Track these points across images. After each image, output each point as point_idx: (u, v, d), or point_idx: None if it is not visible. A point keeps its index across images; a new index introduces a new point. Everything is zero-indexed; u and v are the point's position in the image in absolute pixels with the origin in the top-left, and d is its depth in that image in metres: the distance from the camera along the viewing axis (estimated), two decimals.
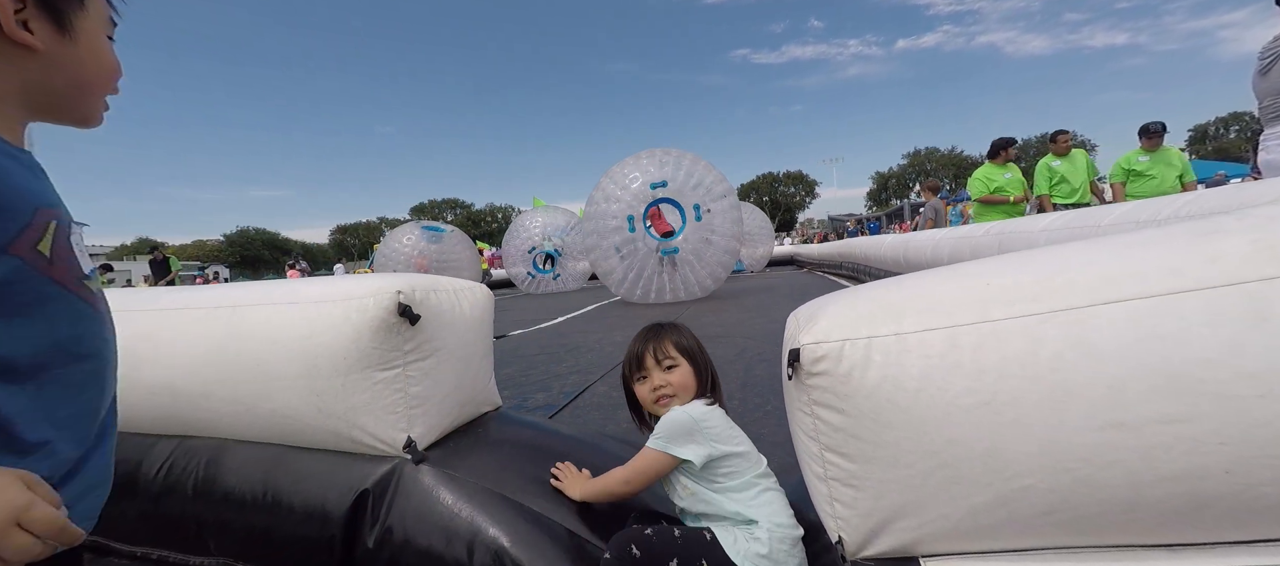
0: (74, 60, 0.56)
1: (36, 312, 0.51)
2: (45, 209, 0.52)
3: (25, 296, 0.50)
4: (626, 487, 1.03)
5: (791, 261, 16.08)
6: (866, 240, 9.95)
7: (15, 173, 0.51)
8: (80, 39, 0.56)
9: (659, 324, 1.15)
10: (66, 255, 0.54)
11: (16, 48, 0.52)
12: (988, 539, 0.72)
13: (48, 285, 0.52)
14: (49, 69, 0.55)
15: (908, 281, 0.82)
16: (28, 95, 0.55)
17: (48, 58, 0.54)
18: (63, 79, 0.56)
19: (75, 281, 0.55)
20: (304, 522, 1.20)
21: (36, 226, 0.51)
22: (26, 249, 0.50)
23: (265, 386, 1.26)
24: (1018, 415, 0.65)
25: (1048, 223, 3.61)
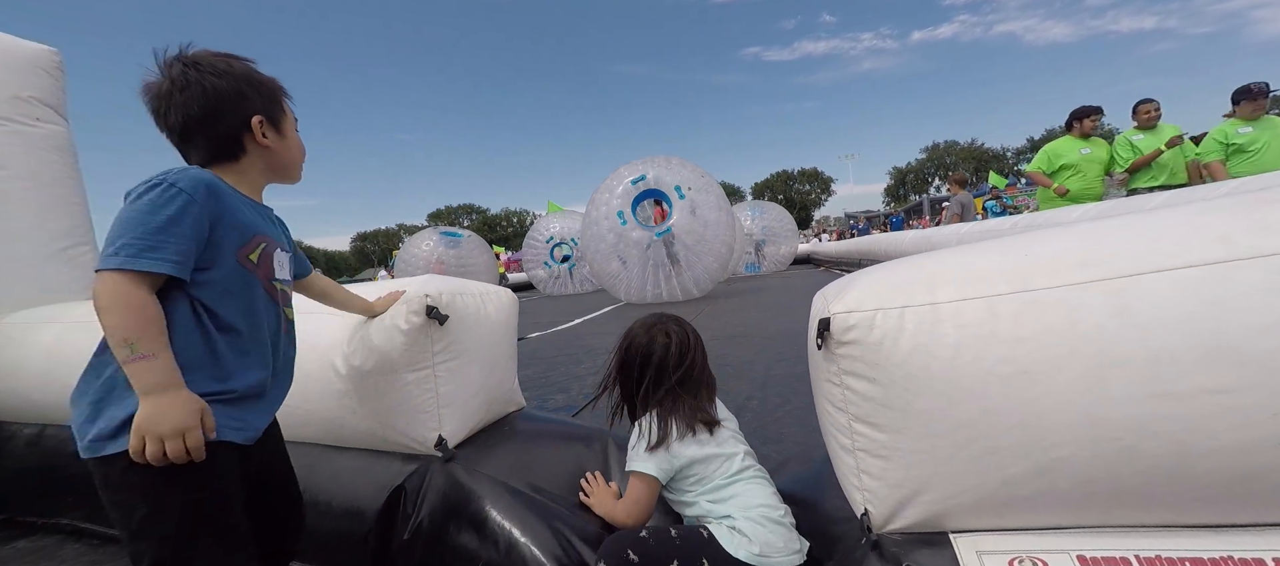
0: (285, 150, 0.94)
1: (243, 294, 0.83)
2: (259, 235, 0.87)
3: (238, 284, 0.82)
4: (629, 518, 1.03)
5: (808, 260, 15.91)
6: (886, 236, 9.80)
7: (247, 211, 0.86)
8: (287, 136, 0.94)
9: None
10: (267, 264, 0.88)
11: (261, 147, 0.89)
12: (1022, 513, 0.70)
13: (253, 279, 0.85)
14: (275, 157, 0.92)
15: (944, 255, 0.81)
16: (266, 171, 0.93)
17: (274, 151, 0.91)
18: (282, 160, 0.94)
19: (267, 280, 0.88)
20: (342, 519, 1.24)
21: (251, 244, 0.85)
22: (243, 257, 0.83)
23: (303, 388, 1.30)
24: (1057, 385, 0.64)
25: (1082, 213, 3.50)
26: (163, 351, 0.70)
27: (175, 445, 0.69)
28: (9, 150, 2.23)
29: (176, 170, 0.78)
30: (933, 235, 6.23)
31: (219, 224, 0.79)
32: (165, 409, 0.69)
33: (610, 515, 1.09)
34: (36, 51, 2.41)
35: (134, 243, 0.71)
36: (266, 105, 0.89)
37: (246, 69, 0.88)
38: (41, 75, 2.40)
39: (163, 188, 0.74)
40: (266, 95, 0.89)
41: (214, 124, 0.84)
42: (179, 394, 0.70)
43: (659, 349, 1.07)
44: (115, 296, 0.69)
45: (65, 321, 1.80)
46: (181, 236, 0.74)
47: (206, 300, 0.79)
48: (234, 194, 0.84)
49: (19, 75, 2.31)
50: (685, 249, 7.08)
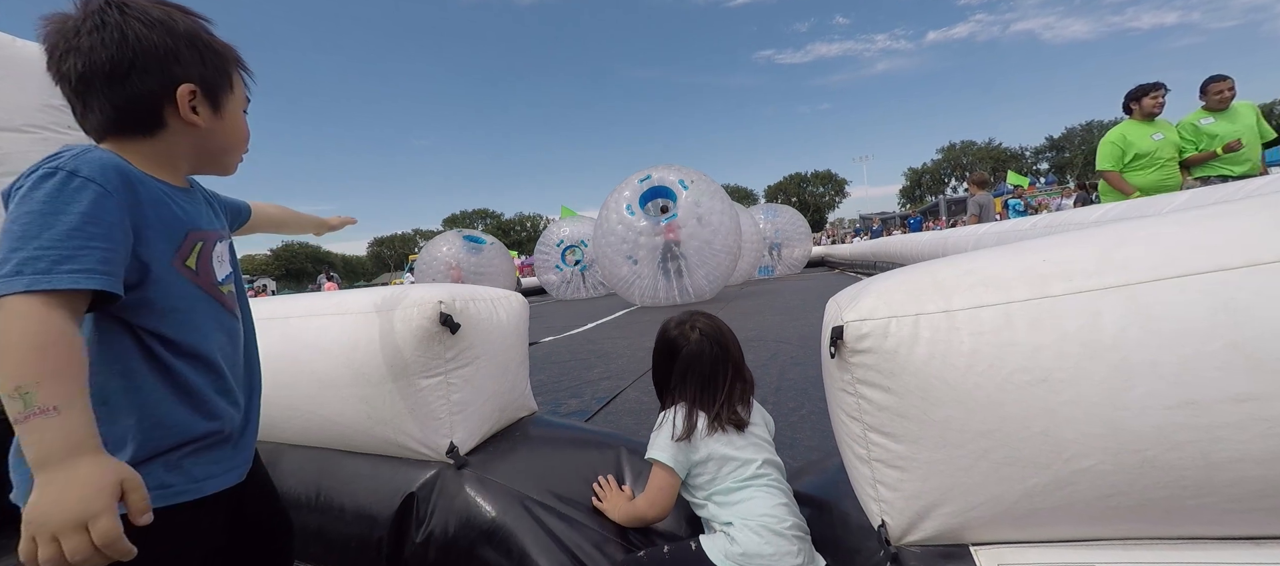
0: (222, 133, 0.75)
1: (186, 307, 0.68)
2: (194, 232, 0.71)
3: (177, 297, 0.67)
4: (651, 509, 1.04)
5: (823, 263, 15.76)
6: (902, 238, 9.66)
7: (175, 202, 0.70)
8: (226, 117, 0.75)
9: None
10: (206, 266, 0.73)
11: (187, 125, 0.70)
12: (1044, 526, 0.68)
13: (195, 291, 0.70)
14: (207, 138, 0.73)
15: (958, 260, 0.80)
16: (191, 156, 0.74)
17: (206, 131, 0.73)
18: (215, 145, 0.75)
19: (209, 286, 0.73)
20: (354, 523, 1.25)
21: (186, 245, 0.69)
22: (180, 264, 0.68)
23: (317, 393, 1.32)
24: (1077, 394, 0.63)
25: (1102, 214, 3.41)
26: (71, 405, 0.52)
27: (76, 541, 0.49)
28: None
29: (72, 152, 0.59)
30: (949, 237, 6.12)
31: (144, 224, 0.63)
32: (70, 488, 0.50)
33: (629, 512, 1.09)
34: None
35: (39, 254, 0.53)
36: (206, 73, 0.70)
37: (192, 25, 0.69)
38: None
39: (59, 178, 0.56)
40: (211, 61, 0.70)
41: (123, 83, 0.64)
42: (86, 465, 0.51)
43: (689, 343, 1.08)
44: (14, 329, 0.52)
45: None
46: (104, 238, 0.57)
47: (152, 326, 0.64)
48: (150, 181, 0.66)
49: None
50: (691, 252, 7.28)
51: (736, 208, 9.41)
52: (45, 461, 0.50)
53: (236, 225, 0.96)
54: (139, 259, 0.62)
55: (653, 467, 1.02)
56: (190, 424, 0.66)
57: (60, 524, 0.49)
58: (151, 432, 0.63)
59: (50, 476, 0.50)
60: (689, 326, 1.11)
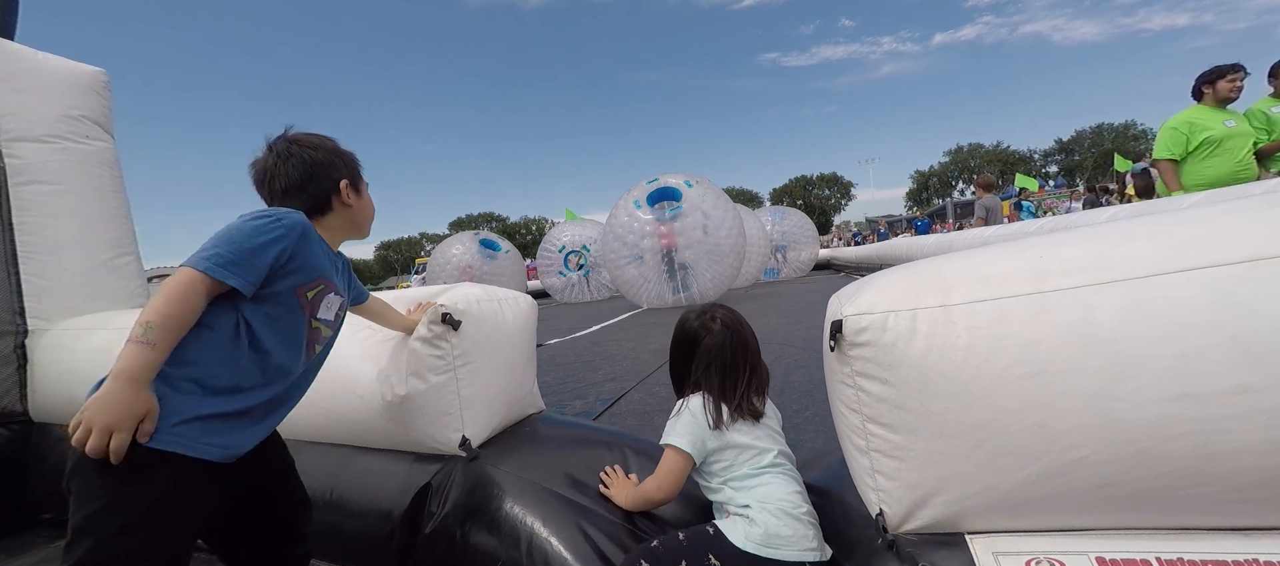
0: (362, 209, 1.09)
1: (283, 320, 0.91)
2: (321, 278, 0.97)
3: (283, 311, 0.91)
4: (659, 491, 1.06)
5: (828, 266, 15.74)
6: (908, 240, 9.64)
7: (323, 258, 0.98)
8: (364, 198, 1.10)
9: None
10: (317, 303, 0.97)
11: (344, 206, 1.04)
12: (1039, 514, 0.70)
13: (296, 312, 0.93)
14: (355, 214, 1.07)
15: (956, 257, 0.82)
16: (344, 227, 1.08)
17: (354, 210, 1.07)
18: (359, 218, 1.09)
19: (310, 317, 0.97)
20: (369, 517, 1.28)
21: (312, 284, 0.95)
22: (300, 293, 0.93)
23: (331, 391, 1.36)
24: (1072, 385, 0.64)
25: (1112, 215, 3.40)
26: (161, 347, 0.74)
27: (98, 440, 0.69)
28: (62, 166, 2.36)
29: (286, 210, 0.91)
30: (955, 239, 6.10)
31: (295, 260, 0.90)
32: (111, 399, 0.70)
33: (637, 496, 1.11)
34: (86, 72, 2.56)
35: (222, 254, 0.80)
36: (350, 172, 1.06)
37: (335, 144, 1.06)
38: (91, 94, 2.54)
39: (270, 220, 0.86)
40: (350, 165, 1.07)
41: (310, 186, 1.00)
42: (137, 390, 0.72)
43: (710, 334, 1.10)
44: (179, 288, 0.76)
45: (111, 328, 1.90)
46: (262, 262, 0.84)
47: (251, 320, 0.86)
48: (319, 241, 0.98)
49: (70, 95, 2.46)
50: (695, 253, 7.57)
51: (741, 210, 9.66)
52: (120, 372, 0.71)
53: (355, 302, 1.20)
54: (281, 276, 0.88)
55: (665, 451, 1.04)
56: (220, 402, 0.84)
57: (100, 421, 0.70)
58: (184, 392, 0.80)
59: (113, 384, 0.71)
60: (709, 317, 1.14)
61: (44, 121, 2.33)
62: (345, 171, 1.04)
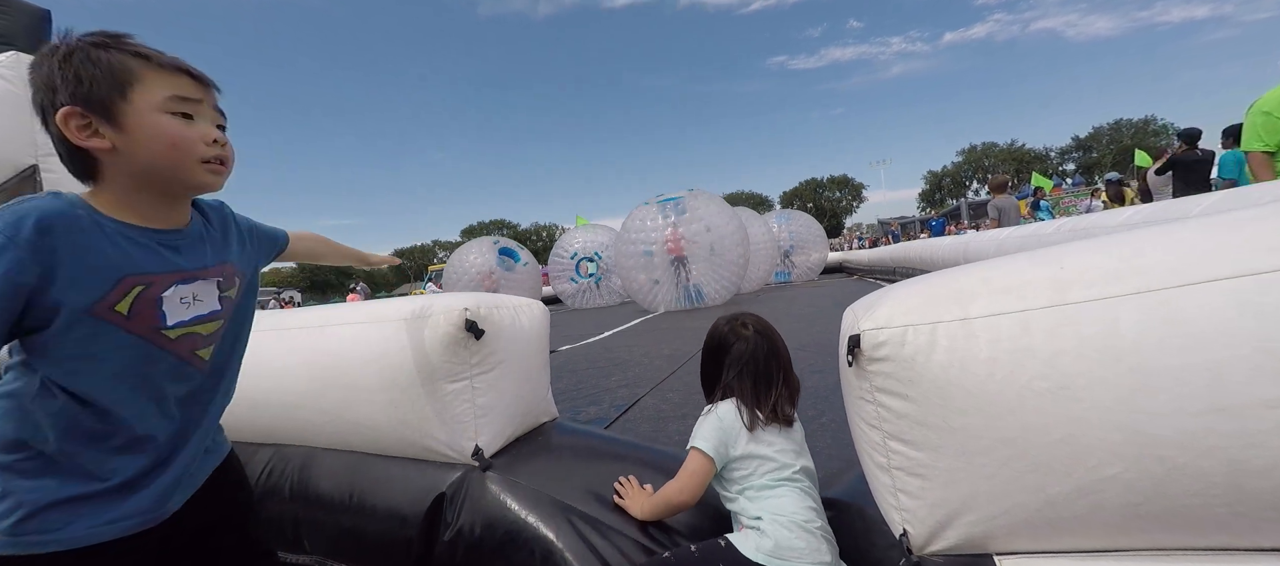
0: (136, 146, 0.66)
1: (97, 354, 0.65)
2: (130, 277, 0.66)
3: (94, 344, 0.64)
4: (681, 495, 1.06)
5: (840, 269, 15.60)
6: (922, 243, 9.53)
7: (120, 245, 0.65)
8: (135, 130, 0.66)
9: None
10: (149, 311, 0.68)
11: (99, 153, 0.65)
12: (1070, 535, 0.68)
13: (117, 334, 0.66)
14: (127, 159, 0.66)
15: (974, 268, 0.80)
16: (134, 183, 0.68)
17: (118, 152, 0.66)
18: (140, 162, 0.67)
19: (151, 331, 0.68)
20: (386, 522, 1.29)
21: (117, 291, 0.65)
22: (104, 310, 0.64)
23: (349, 397, 1.38)
24: (1097, 400, 0.63)
25: (1127, 217, 3.34)
26: None
27: None
28: None
29: (16, 202, 0.60)
30: (970, 242, 6.02)
31: (57, 272, 0.60)
32: None
33: (656, 501, 1.11)
34: None
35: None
36: (89, 90, 0.63)
37: (73, 46, 0.65)
38: None
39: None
40: (92, 75, 0.63)
41: (50, 134, 0.64)
42: None
43: (742, 340, 1.11)
44: None
45: None
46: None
47: (49, 374, 0.63)
48: (92, 227, 0.63)
49: None
50: (699, 260, 8.08)
51: (744, 212, 9.96)
52: None
53: (270, 255, 0.96)
54: (49, 302, 0.60)
55: (690, 453, 1.04)
56: (65, 484, 0.64)
57: None
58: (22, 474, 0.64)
59: None
60: (741, 324, 1.14)
61: None
62: (71, 91, 0.63)
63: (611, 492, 1.21)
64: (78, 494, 0.65)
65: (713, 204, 8.56)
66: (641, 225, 8.62)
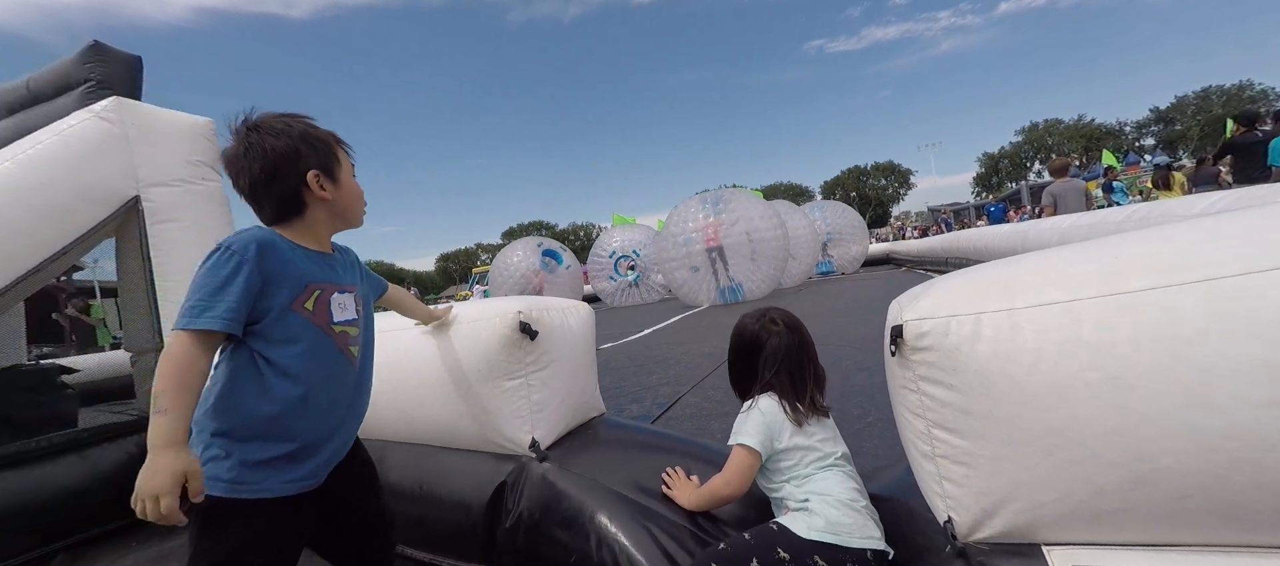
0: (341, 197, 0.98)
1: (299, 338, 0.89)
2: (312, 284, 0.92)
3: (294, 331, 0.89)
4: (728, 488, 1.10)
5: (887, 260, 15.01)
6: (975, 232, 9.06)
7: (302, 262, 0.92)
8: (342, 185, 0.98)
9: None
10: (323, 310, 0.93)
11: (319, 199, 0.95)
12: (1119, 527, 0.68)
13: (308, 326, 0.91)
14: (333, 206, 0.97)
15: (1023, 259, 0.80)
16: (328, 220, 0.99)
17: (331, 201, 0.96)
18: (339, 209, 0.99)
19: (324, 325, 0.93)
20: (452, 511, 1.41)
21: (305, 294, 0.91)
22: (298, 306, 0.89)
23: (417, 396, 1.51)
24: (1153, 390, 0.62)
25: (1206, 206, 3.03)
26: (176, 410, 0.75)
27: (152, 507, 0.70)
28: (184, 205, 2.74)
29: (234, 234, 0.87)
30: (1028, 230, 5.66)
31: (272, 278, 0.85)
32: (153, 471, 0.71)
33: (704, 494, 1.15)
34: (199, 123, 2.95)
35: (196, 304, 0.80)
36: (321, 159, 0.94)
37: (303, 127, 0.94)
38: (203, 141, 2.92)
39: (219, 253, 0.84)
40: (320, 151, 0.94)
41: (274, 183, 0.91)
42: (166, 456, 0.72)
43: (773, 336, 1.14)
44: (170, 352, 0.77)
45: None
46: (232, 296, 0.80)
47: (262, 350, 0.85)
48: (290, 247, 0.90)
49: (187, 143, 2.84)
50: (739, 257, 8.30)
51: (782, 206, 9.89)
52: (153, 445, 0.73)
53: (377, 294, 1.21)
54: (263, 303, 0.85)
55: (734, 449, 1.08)
56: (275, 444, 0.86)
57: (147, 492, 0.71)
58: (238, 440, 0.84)
59: (152, 458, 0.72)
60: (769, 320, 1.17)
61: (170, 168, 2.71)
62: (314, 160, 0.93)
63: (659, 483, 1.27)
64: (274, 455, 0.86)
65: (751, 201, 8.78)
66: (683, 220, 8.83)
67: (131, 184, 2.56)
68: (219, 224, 2.89)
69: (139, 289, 2.56)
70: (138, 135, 2.61)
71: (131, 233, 2.58)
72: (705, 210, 8.72)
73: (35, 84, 2.89)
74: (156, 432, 0.73)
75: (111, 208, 2.46)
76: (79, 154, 2.40)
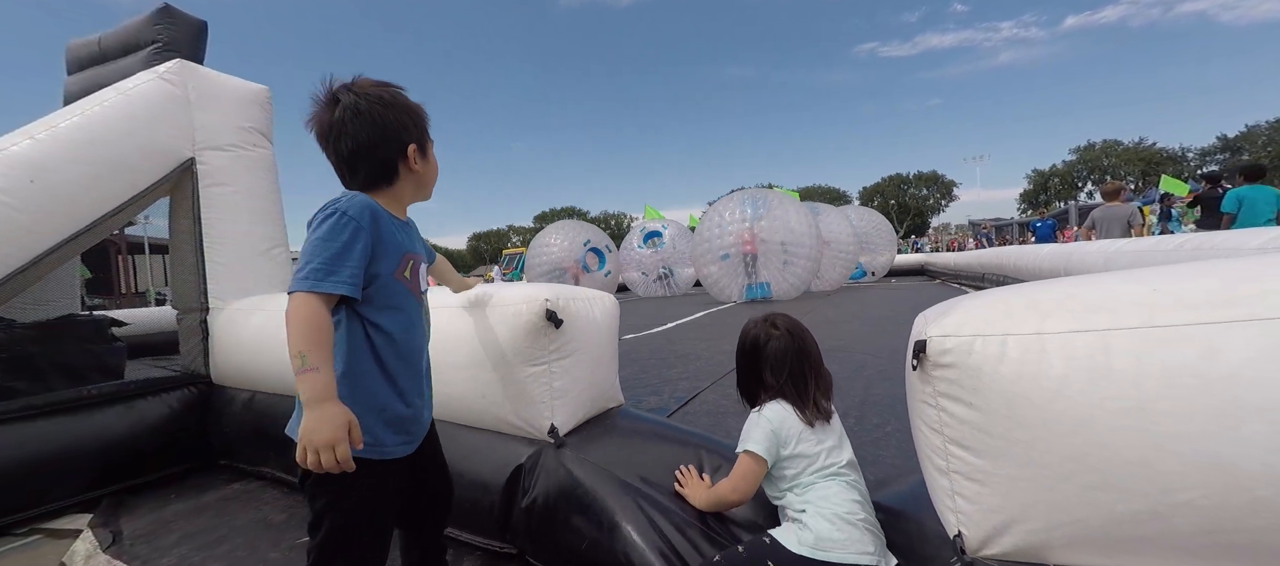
0: (429, 172, 1.02)
1: (402, 307, 0.94)
2: (408, 254, 0.96)
3: (398, 299, 0.93)
4: (734, 494, 1.11)
5: (922, 271, 14.58)
6: (1017, 250, 8.71)
7: (398, 232, 0.95)
8: (430, 160, 1.02)
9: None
10: (416, 279, 0.98)
11: (412, 172, 0.98)
12: (1133, 555, 0.68)
13: (407, 294, 0.95)
14: (422, 179, 1.01)
15: (1059, 283, 0.80)
16: (411, 193, 1.02)
17: (421, 175, 1.00)
18: (426, 181, 1.03)
19: (419, 292, 0.99)
20: (470, 489, 1.45)
21: (403, 262, 0.94)
22: (399, 274, 0.93)
23: (442, 374, 1.53)
24: (1182, 426, 0.62)
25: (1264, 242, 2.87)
26: (325, 366, 0.78)
27: (327, 456, 0.74)
28: (236, 170, 2.85)
29: (346, 198, 0.87)
30: (1073, 253, 5.43)
31: (379, 246, 0.88)
32: (320, 422, 0.75)
33: (711, 497, 1.17)
34: (255, 90, 3.06)
35: (319, 267, 0.81)
36: (419, 134, 0.97)
37: (405, 98, 0.96)
38: (257, 108, 3.03)
39: (336, 217, 0.84)
40: (419, 124, 0.97)
41: (378, 151, 0.92)
42: (330, 407, 0.76)
43: (775, 341, 1.15)
44: (300, 313, 0.79)
45: (268, 310, 2.27)
46: (353, 261, 0.84)
47: (370, 316, 0.89)
48: (388, 218, 0.93)
49: (243, 109, 2.95)
50: (771, 260, 8.32)
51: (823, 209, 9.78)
52: (310, 402, 0.76)
53: (431, 261, 1.24)
54: (372, 270, 0.88)
55: (740, 456, 1.09)
56: (393, 407, 0.92)
57: (321, 442, 0.74)
58: (366, 407, 0.87)
59: (313, 412, 0.75)
60: (771, 325, 1.18)
61: (225, 132, 2.83)
62: (415, 133, 0.96)
63: (671, 477, 1.29)
64: (393, 418, 0.91)
65: (789, 205, 8.75)
66: (720, 218, 8.86)
67: (188, 145, 2.67)
68: (268, 191, 3.01)
69: (189, 249, 2.67)
70: (197, 98, 2.72)
71: (185, 193, 2.69)
72: (743, 210, 8.65)
73: (106, 41, 3.04)
74: (314, 388, 0.76)
75: (169, 168, 2.58)
76: (142, 113, 2.50)
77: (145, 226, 21.16)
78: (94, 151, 2.30)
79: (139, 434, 2.20)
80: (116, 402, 2.22)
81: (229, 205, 2.79)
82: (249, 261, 2.80)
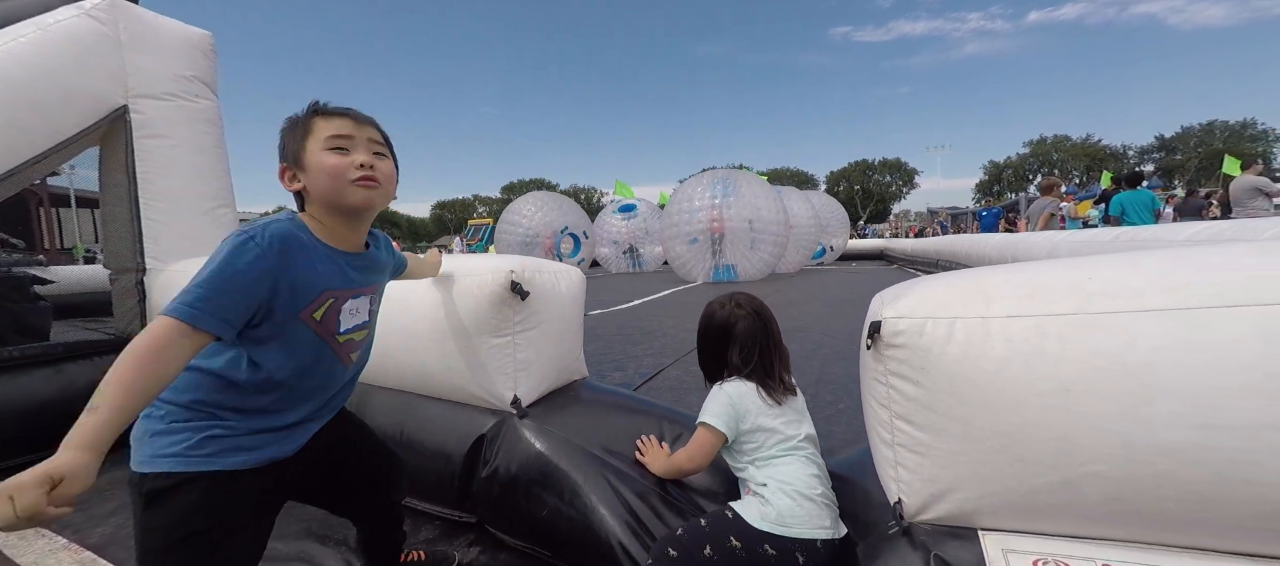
0: (313, 180, 0.85)
1: (293, 349, 0.83)
2: (326, 293, 0.85)
3: (292, 340, 0.83)
4: (690, 463, 1.15)
5: (881, 256, 15.13)
6: (969, 238, 9.14)
7: (321, 265, 0.84)
8: (309, 166, 0.85)
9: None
10: (330, 319, 0.87)
11: (299, 193, 0.87)
12: (1050, 519, 0.74)
13: (311, 337, 0.85)
14: (314, 190, 0.86)
15: (1004, 269, 0.84)
16: (325, 211, 0.87)
17: (310, 187, 0.86)
18: (317, 193, 0.86)
19: (329, 336, 0.88)
20: (431, 459, 1.44)
21: (316, 303, 0.84)
22: (307, 315, 0.83)
23: (405, 343, 1.51)
24: (1098, 406, 0.67)
25: (1191, 234, 3.14)
26: (104, 414, 0.63)
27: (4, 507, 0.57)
28: (174, 122, 2.64)
29: (265, 223, 0.79)
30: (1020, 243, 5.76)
31: (280, 283, 0.78)
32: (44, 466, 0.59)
33: (669, 465, 1.20)
34: (196, 35, 2.82)
35: (196, 299, 0.70)
36: (289, 148, 0.86)
37: (289, 120, 0.88)
38: (200, 56, 2.80)
39: (242, 241, 0.75)
40: (288, 137, 0.87)
41: (280, 178, 0.88)
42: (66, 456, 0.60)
43: (740, 320, 1.17)
44: (149, 342, 0.67)
45: None
46: (236, 296, 0.73)
47: (253, 352, 0.79)
48: (310, 248, 0.83)
49: (183, 56, 2.72)
50: (738, 242, 8.41)
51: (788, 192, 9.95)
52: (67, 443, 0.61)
53: (397, 274, 1.16)
54: (271, 305, 0.78)
55: (698, 428, 1.12)
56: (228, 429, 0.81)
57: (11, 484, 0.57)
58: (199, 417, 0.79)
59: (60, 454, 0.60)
60: (736, 305, 1.20)
61: (162, 80, 2.60)
62: (285, 153, 0.87)
63: (632, 447, 1.31)
64: (233, 435, 0.81)
65: (758, 187, 8.86)
66: (689, 198, 8.88)
67: (120, 92, 2.45)
68: (211, 146, 2.80)
69: (122, 204, 2.48)
70: (130, 40, 2.49)
71: (117, 144, 2.48)
72: (712, 191, 8.69)
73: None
74: (77, 432, 0.61)
75: (97, 115, 2.36)
76: (66, 51, 2.27)
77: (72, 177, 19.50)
78: (10, 91, 2.08)
79: (70, 398, 2.06)
80: (44, 365, 2.08)
81: (167, 159, 2.59)
82: (190, 220, 2.63)
